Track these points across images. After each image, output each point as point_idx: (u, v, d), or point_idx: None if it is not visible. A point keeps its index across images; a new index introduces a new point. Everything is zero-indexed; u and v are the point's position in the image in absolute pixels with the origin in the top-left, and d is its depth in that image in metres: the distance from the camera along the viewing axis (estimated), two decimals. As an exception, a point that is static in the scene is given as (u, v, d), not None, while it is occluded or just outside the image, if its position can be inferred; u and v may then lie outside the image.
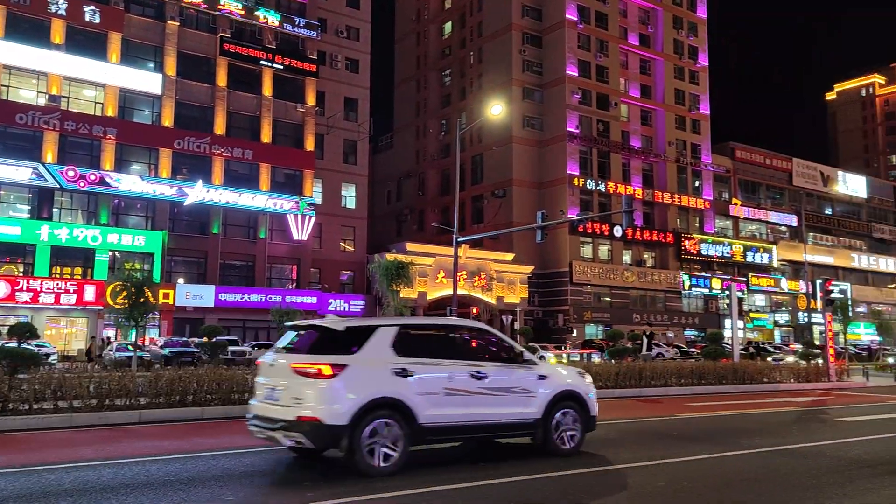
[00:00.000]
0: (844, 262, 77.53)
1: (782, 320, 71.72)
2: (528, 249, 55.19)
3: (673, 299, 64.20)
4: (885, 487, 7.51)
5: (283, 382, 7.87)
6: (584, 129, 60.79)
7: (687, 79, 68.84)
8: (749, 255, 68.73)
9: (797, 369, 24.39)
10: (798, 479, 7.97)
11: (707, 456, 9.37)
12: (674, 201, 64.73)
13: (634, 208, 59.65)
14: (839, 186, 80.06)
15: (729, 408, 16.34)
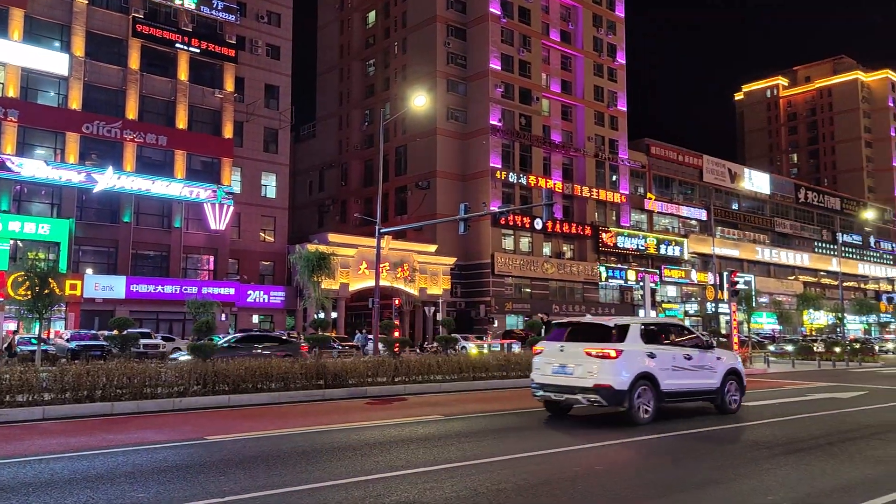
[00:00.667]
0: (749, 254, 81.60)
1: (692, 310, 74.84)
2: (451, 241, 55.57)
3: (591, 290, 65.97)
4: (781, 467, 7.97)
5: (576, 362, 11.35)
6: (507, 122, 61.54)
7: (606, 76, 70.65)
8: (662, 247, 71.36)
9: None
10: (705, 460, 8.38)
11: (619, 441, 9.71)
12: (592, 195, 66.42)
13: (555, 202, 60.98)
14: (745, 183, 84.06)
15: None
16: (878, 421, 12.32)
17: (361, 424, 11.32)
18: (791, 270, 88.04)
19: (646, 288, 28.62)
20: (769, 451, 9.06)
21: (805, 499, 6.44)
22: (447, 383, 17.64)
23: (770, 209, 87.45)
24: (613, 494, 6.57)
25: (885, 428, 11.40)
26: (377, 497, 6.35)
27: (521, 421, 12.01)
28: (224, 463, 8.06)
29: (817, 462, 8.27)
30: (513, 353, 21.97)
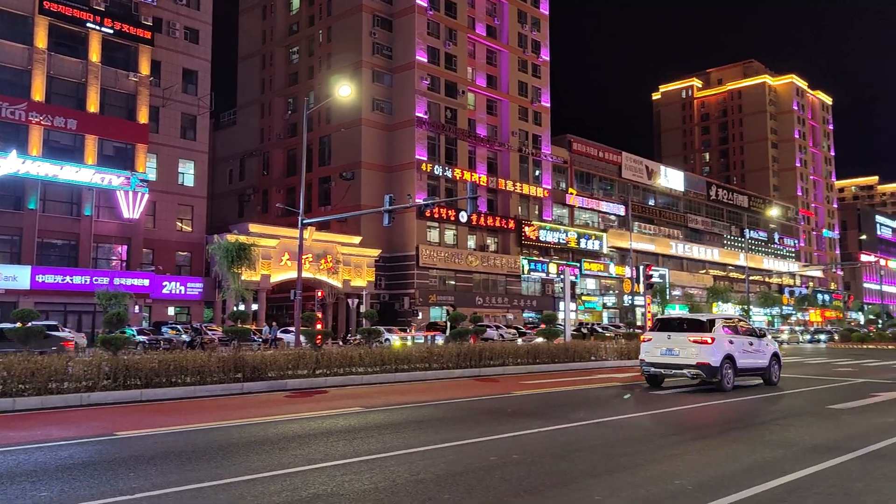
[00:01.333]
0: (664, 249, 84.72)
1: (610, 303, 77.20)
2: (375, 233, 55.29)
3: (513, 283, 67.01)
4: (688, 453, 8.34)
5: (681, 346, 15.64)
6: (433, 115, 61.63)
7: (530, 72, 71.69)
8: (582, 241, 73.17)
9: (621, 347, 26.35)
10: (617, 447, 8.67)
11: (538, 430, 9.93)
12: (516, 189, 67.38)
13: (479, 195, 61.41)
14: (661, 180, 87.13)
15: (560, 384, 17.39)
16: (777, 407, 13.08)
17: (280, 418, 11.16)
18: (702, 264, 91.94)
19: (566, 281, 29.29)
20: (678, 437, 9.46)
21: (710, 482, 6.76)
22: (369, 375, 17.59)
23: (684, 205, 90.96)
24: (526, 483, 6.71)
25: (784, 414, 12.10)
26: (294, 491, 6.28)
27: (443, 412, 12.12)
28: (134, 459, 7.79)
29: (723, 447, 8.71)
30: (436, 346, 22.09)
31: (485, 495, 6.19)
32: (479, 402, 13.52)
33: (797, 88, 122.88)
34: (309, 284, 46.78)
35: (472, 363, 20.21)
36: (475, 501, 6.00)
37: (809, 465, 7.52)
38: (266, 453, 8.08)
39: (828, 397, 14.69)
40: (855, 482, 6.82)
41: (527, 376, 19.94)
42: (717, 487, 6.48)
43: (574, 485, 6.63)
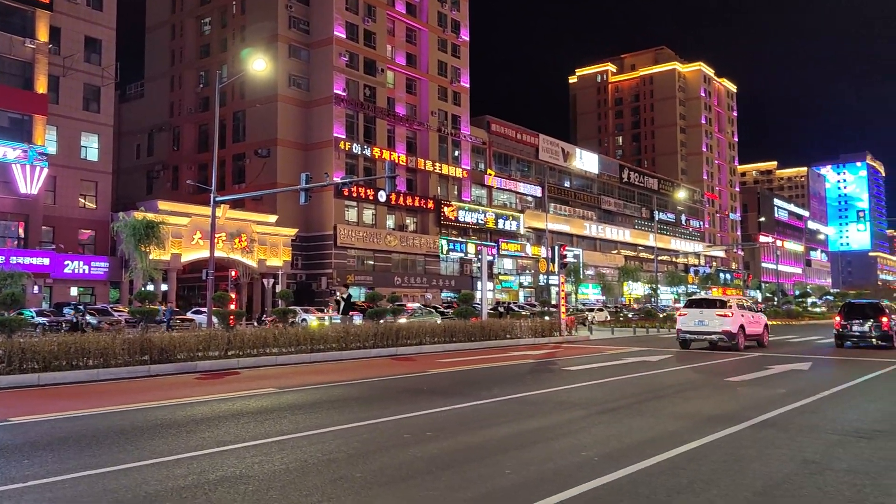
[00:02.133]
0: (578, 230, 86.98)
1: (526, 282, 78.75)
2: (292, 212, 54.26)
3: (432, 263, 67.31)
4: (595, 426, 8.63)
5: (709, 318, 21.10)
6: (352, 92, 60.76)
7: (450, 52, 71.63)
8: (500, 222, 74.16)
9: (535, 325, 26.94)
10: (528, 422, 8.86)
11: (452, 407, 10.04)
12: (435, 169, 67.47)
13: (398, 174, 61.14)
14: (577, 162, 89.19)
15: (476, 362, 17.63)
16: (679, 380, 13.68)
17: (189, 400, 10.84)
18: (614, 245, 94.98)
19: (483, 261, 29.62)
20: (586, 410, 9.77)
21: (615, 453, 7.01)
22: (284, 356, 17.33)
23: (598, 188, 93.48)
24: (439, 460, 6.77)
25: (685, 387, 12.68)
26: (201, 474, 6.12)
27: (358, 391, 12.08)
28: (30, 446, 7.40)
29: (628, 419, 9.03)
30: (353, 325, 21.96)
31: (397, 472, 6.22)
32: (395, 381, 13.55)
33: (705, 76, 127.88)
34: (222, 264, 45.54)
35: (390, 342, 20.22)
36: (387, 478, 6.02)
37: (707, 434, 7.91)
38: (173, 437, 7.83)
39: (726, 370, 15.50)
40: (746, 449, 7.22)
41: (444, 355, 20.12)
42: (620, 458, 6.73)
43: (486, 460, 6.74)
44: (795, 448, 7.25)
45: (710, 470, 6.34)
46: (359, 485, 5.80)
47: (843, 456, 6.87)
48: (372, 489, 5.68)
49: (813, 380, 13.78)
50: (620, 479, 5.97)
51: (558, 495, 5.46)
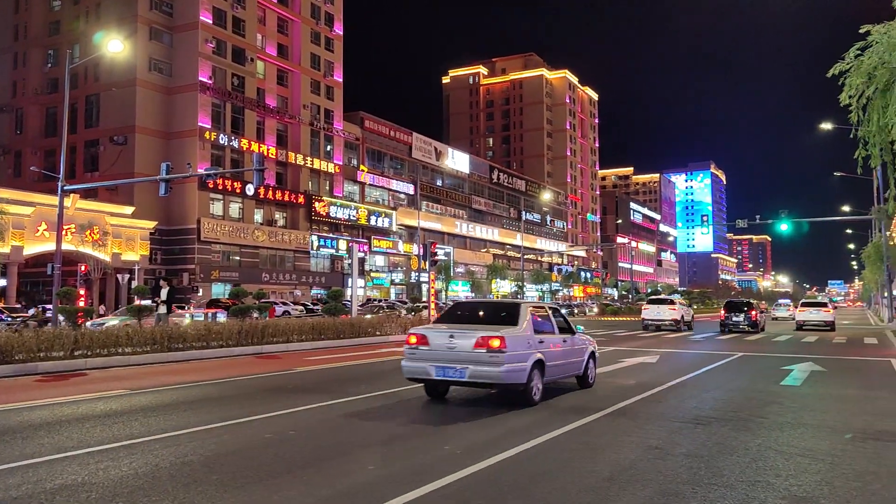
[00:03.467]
0: (450, 228, 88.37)
1: (398, 279, 79.04)
2: (151, 203, 51.38)
3: (302, 259, 66.01)
4: (460, 420, 8.78)
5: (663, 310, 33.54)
6: (218, 80, 58.36)
7: (323, 45, 70.50)
8: (373, 219, 73.92)
9: (404, 322, 27.07)
10: (394, 418, 8.89)
11: (318, 405, 9.88)
12: (306, 163, 66.19)
13: (267, 167, 59.41)
14: (449, 162, 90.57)
15: (344, 360, 17.46)
16: (541, 374, 14.19)
17: (27, 404, 9.98)
18: (484, 243, 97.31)
19: (353, 257, 29.42)
20: (450, 405, 9.92)
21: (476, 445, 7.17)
22: (139, 356, 16.35)
23: (469, 187, 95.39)
24: (300, 458, 6.65)
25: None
26: (37, 482, 5.65)
27: (219, 391, 11.62)
28: None
29: (490, 413, 9.27)
30: (216, 323, 21.09)
31: (256, 473, 6.03)
32: (259, 380, 13.16)
33: (570, 83, 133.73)
34: (71, 258, 42.37)
35: (255, 340, 19.60)
36: (245, 480, 5.82)
37: (564, 425, 8.27)
38: (6, 444, 7.18)
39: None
40: (599, 438, 7.63)
41: (311, 352, 19.78)
42: (483, 450, 6.89)
43: (349, 456, 6.69)
44: (642, 435, 7.73)
45: (565, 458, 6.63)
46: (214, 488, 5.57)
47: (682, 442, 7.41)
48: (228, 492, 5.47)
49: (660, 371, 14.76)
50: (483, 471, 6.11)
51: (419, 489, 5.50)
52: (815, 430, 8.18)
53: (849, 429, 8.25)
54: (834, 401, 10.64)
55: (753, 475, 5.99)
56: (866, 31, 9.16)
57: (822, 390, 11.92)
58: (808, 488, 5.62)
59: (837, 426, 8.42)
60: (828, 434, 7.92)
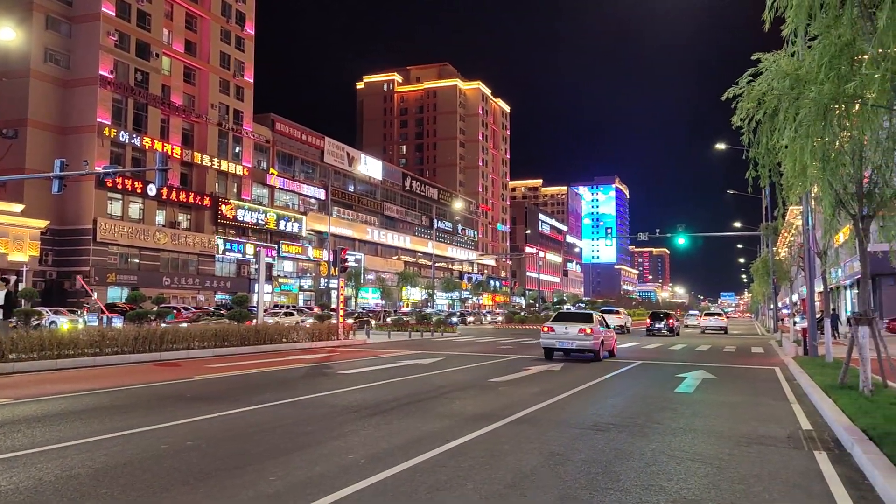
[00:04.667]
0: (361, 234, 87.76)
1: (307, 285, 77.74)
2: (43, 202, 48.45)
3: (206, 263, 63.89)
4: (365, 428, 8.73)
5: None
6: (121, 75, 55.82)
7: (233, 44, 68.71)
8: (282, 223, 72.46)
9: (312, 329, 26.66)
10: (299, 426, 8.73)
11: (218, 414, 9.58)
12: (213, 165, 64.21)
13: (171, 167, 57.37)
14: (361, 167, 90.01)
15: (248, 367, 17.01)
16: (448, 382, 14.32)
17: None
18: (395, 251, 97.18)
19: (261, 262, 28.73)
20: (357, 413, 9.85)
21: (381, 454, 7.14)
22: (23, 363, 15.37)
23: (381, 194, 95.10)
24: (198, 470, 6.43)
25: (453, 388, 13.29)
26: None
27: (111, 400, 11.07)
28: None
29: (397, 421, 9.25)
30: (112, 329, 20.09)
31: (148, 486, 5.78)
32: (156, 388, 12.63)
33: (483, 94, 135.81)
34: (-50, 257, 39.37)
35: (153, 347, 18.81)
36: (137, 493, 5.57)
37: (470, 432, 8.36)
38: None
39: (490, 372, 16.51)
40: (502, 445, 7.75)
41: (214, 360, 19.17)
42: (387, 458, 6.87)
43: (250, 467, 6.52)
44: (544, 442, 7.92)
45: (468, 466, 6.70)
46: (103, 502, 5.30)
47: (582, 448, 7.63)
48: (118, 506, 5.22)
49: (563, 380, 15.16)
50: (385, 480, 6.09)
51: (322, 499, 5.43)
52: (705, 435, 8.61)
53: (736, 434, 8.73)
54: (723, 407, 11.23)
55: (647, 479, 6.24)
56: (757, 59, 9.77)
57: (713, 397, 12.56)
58: (696, 491, 5.91)
59: (725, 431, 8.90)
60: (716, 439, 8.35)
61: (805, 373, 15.29)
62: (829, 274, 18.05)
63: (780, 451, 7.69)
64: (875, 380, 12.22)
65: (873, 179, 11.03)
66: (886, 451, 6.73)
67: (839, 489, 6.04)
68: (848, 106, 7.83)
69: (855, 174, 11.15)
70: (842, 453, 7.53)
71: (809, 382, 13.49)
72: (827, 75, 7.20)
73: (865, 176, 11.24)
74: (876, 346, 11.71)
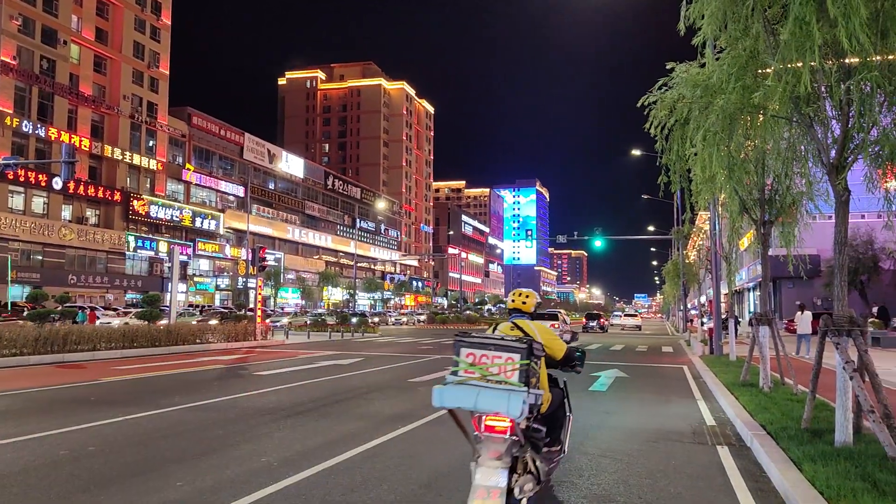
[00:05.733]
0: (281, 233, 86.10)
1: (223, 284, 75.65)
2: (-66, 193, 45.27)
3: (116, 261, 61.24)
4: (279, 430, 8.54)
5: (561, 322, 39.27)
6: (24, 62, 52.77)
7: (148, 33, 66.13)
8: (198, 220, 70.24)
9: (228, 329, 25.95)
10: (210, 430, 8.46)
11: (124, 418, 9.18)
12: (125, 158, 61.60)
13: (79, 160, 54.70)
14: (282, 165, 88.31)
15: (158, 369, 16.39)
16: (366, 383, 14.21)
17: None
18: (316, 250, 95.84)
19: (175, 261, 27.70)
20: (272, 416, 9.63)
21: (295, 456, 6.99)
22: None
23: (302, 192, 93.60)
24: (100, 476, 6.13)
25: (371, 388, 13.20)
26: None
27: (6, 404, 10.44)
28: None
29: (312, 423, 9.09)
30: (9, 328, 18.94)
31: (44, 494, 5.47)
32: (58, 392, 11.99)
33: (407, 94, 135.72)
34: None
35: (55, 348, 17.88)
36: (33, 502, 5.25)
37: (388, 432, 8.31)
38: None
39: (409, 372, 16.49)
40: (419, 445, 7.74)
41: (121, 361, 18.37)
42: (301, 461, 6.74)
43: (156, 472, 6.26)
44: (461, 441, 7.93)
45: (384, 467, 6.65)
46: (-8, 514, 4.98)
47: (498, 445, 7.70)
48: (9, 517, 4.92)
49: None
50: (298, 483, 5.98)
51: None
52: (616, 432, 8.86)
53: (645, 430, 9.02)
54: (634, 405, 11.59)
55: (560, 476, 6.35)
56: (671, 68, 10.12)
57: (625, 395, 12.94)
58: (606, 487, 6.06)
59: (635, 428, 9.18)
60: (627, 436, 8.60)
61: (710, 371, 15.98)
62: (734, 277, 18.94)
63: (686, 446, 7.99)
64: (774, 377, 12.90)
65: (774, 187, 11.61)
66: (782, 445, 7.09)
67: (738, 481, 6.33)
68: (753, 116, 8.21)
69: (758, 181, 11.72)
70: (742, 447, 7.89)
71: (714, 380, 14.09)
72: (734, 86, 7.51)
73: (768, 183, 11.82)
74: (775, 345, 12.34)
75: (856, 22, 5.81)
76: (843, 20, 5.87)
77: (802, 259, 11.64)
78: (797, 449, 6.73)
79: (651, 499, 5.70)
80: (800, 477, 5.83)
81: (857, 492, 5.13)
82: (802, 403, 8.64)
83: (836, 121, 7.15)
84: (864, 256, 40.95)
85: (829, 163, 7.15)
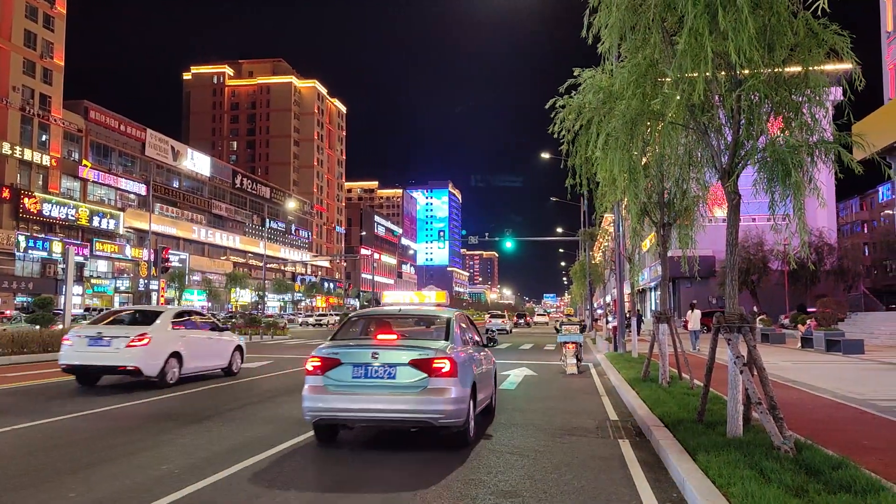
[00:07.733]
0: (186, 233, 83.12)
1: (123, 286, 72.34)
2: None
3: (5, 262, 57.48)
4: (183, 437, 8.25)
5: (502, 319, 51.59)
6: None
7: (41, 21, 62.45)
8: (96, 219, 66.89)
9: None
10: (107, 438, 8.07)
11: (10, 428, 8.64)
12: (15, 153, 57.92)
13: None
14: (187, 163, 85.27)
15: (51, 375, 15.45)
16: (275, 386, 13.93)
17: None
18: (224, 251, 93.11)
19: (69, 261, 26.20)
20: (175, 421, 9.29)
21: (200, 462, 6.78)
22: None
23: (209, 191, 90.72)
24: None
25: (280, 392, 12.95)
26: None
27: None
28: None
29: (218, 428, 8.84)
30: None
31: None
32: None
33: (319, 94, 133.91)
34: None
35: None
36: None
37: (297, 435, 8.18)
38: None
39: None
40: (329, 448, 7.66)
41: (10, 368, 17.24)
42: (206, 467, 6.54)
43: (47, 484, 5.93)
44: (368, 442, 7.91)
45: (291, 470, 6.55)
46: None
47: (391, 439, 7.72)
48: None
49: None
50: (202, 489, 5.80)
51: (129, 514, 5.06)
52: (524, 429, 9.05)
53: (551, 427, 9.26)
54: (541, 402, 11.87)
55: (469, 474, 6.44)
56: (578, 73, 10.43)
57: (533, 393, 13.23)
58: (513, 483, 6.18)
59: (542, 425, 9.40)
60: (534, 432, 8.80)
61: (614, 367, 16.57)
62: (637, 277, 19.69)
63: (590, 440, 8.25)
64: (672, 372, 13.52)
65: (672, 191, 12.16)
66: (678, 437, 7.44)
67: (638, 471, 6.60)
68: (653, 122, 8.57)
69: (657, 185, 12.24)
70: (642, 440, 8.23)
71: (617, 376, 14.63)
72: (634, 93, 7.81)
73: (667, 187, 12.37)
74: (673, 342, 12.94)
75: (744, 36, 6.17)
76: (734, 34, 6.22)
77: (696, 260, 12.22)
78: (692, 440, 7.07)
79: (555, 493, 5.85)
80: (694, 467, 6.13)
81: (746, 479, 5.44)
82: (698, 397, 9.09)
83: (729, 128, 7.56)
84: (755, 257, 43.55)
85: (721, 168, 7.55)
